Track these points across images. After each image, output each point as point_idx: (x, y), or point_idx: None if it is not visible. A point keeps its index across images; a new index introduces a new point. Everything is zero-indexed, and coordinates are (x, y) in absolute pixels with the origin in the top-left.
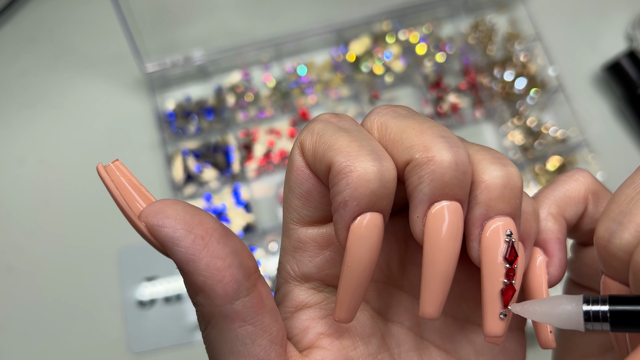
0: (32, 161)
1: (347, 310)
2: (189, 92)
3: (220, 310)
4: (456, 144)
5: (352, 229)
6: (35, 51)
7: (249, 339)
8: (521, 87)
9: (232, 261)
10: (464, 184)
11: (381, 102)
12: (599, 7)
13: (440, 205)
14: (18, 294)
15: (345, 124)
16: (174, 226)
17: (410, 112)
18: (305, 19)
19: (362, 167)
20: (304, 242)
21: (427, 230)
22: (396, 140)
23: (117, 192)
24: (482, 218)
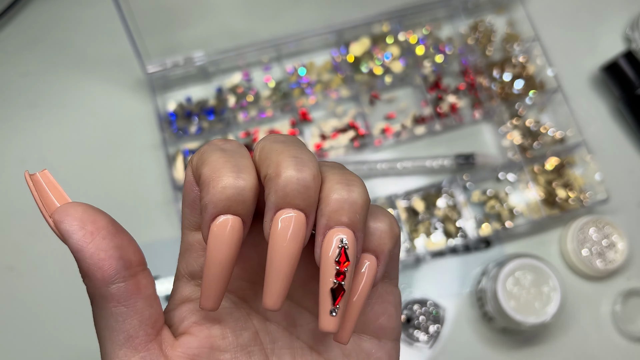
0: (33, 161)
1: (208, 299)
2: (190, 92)
3: (99, 292)
4: (303, 164)
5: (211, 228)
6: (37, 52)
7: (120, 317)
8: (520, 88)
9: (112, 254)
10: (305, 196)
11: (381, 103)
12: (597, 9)
13: (283, 212)
14: (19, 293)
15: (226, 146)
16: (70, 222)
17: (287, 139)
18: (305, 20)
19: (221, 178)
20: (192, 244)
21: (271, 233)
22: (263, 160)
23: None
24: (324, 227)
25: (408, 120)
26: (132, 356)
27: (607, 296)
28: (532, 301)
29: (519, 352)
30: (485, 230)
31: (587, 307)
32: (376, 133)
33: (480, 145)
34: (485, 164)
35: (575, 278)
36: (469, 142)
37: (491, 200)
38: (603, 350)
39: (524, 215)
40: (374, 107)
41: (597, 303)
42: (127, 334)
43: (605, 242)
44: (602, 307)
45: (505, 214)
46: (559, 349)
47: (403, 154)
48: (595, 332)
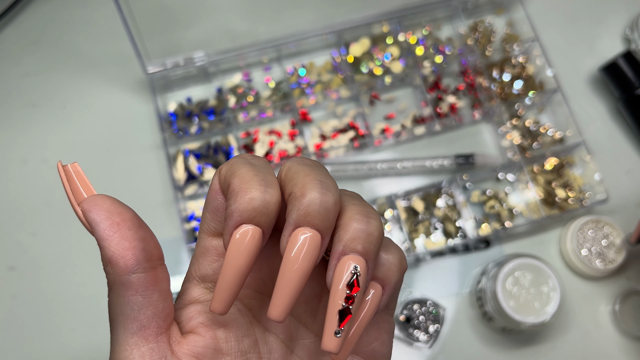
0: (34, 161)
1: (220, 303)
2: (191, 93)
3: (120, 279)
4: (327, 189)
5: (233, 235)
6: (38, 52)
7: (136, 306)
8: (519, 88)
9: (136, 245)
10: (324, 218)
11: (381, 103)
12: (597, 9)
13: (300, 230)
14: (20, 293)
15: (255, 161)
16: (98, 212)
17: (314, 164)
18: (305, 20)
19: (250, 189)
20: (207, 249)
21: (287, 248)
22: (289, 179)
23: (67, 185)
24: (340, 253)
25: (408, 120)
26: (142, 346)
27: (606, 296)
28: (531, 301)
29: (519, 352)
30: (485, 230)
31: (586, 307)
32: (376, 133)
33: (479, 146)
34: (484, 164)
35: (574, 278)
36: (468, 142)
37: (491, 200)
38: (602, 350)
39: (524, 215)
40: (373, 107)
41: (597, 303)
42: (141, 324)
43: (604, 242)
44: (601, 307)
45: (504, 214)
46: (559, 349)
47: (403, 154)
48: (594, 332)
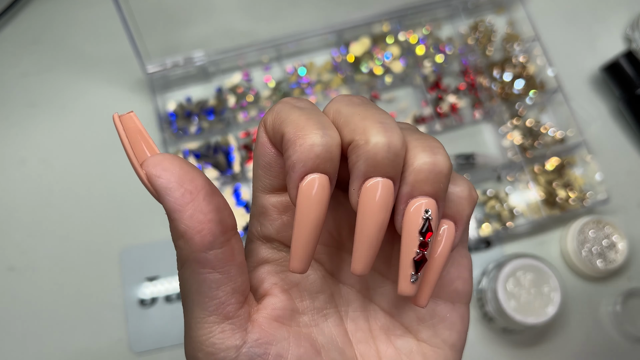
0: (33, 161)
1: (299, 261)
2: (190, 92)
3: (195, 256)
4: (391, 129)
5: (300, 188)
6: (37, 52)
7: (214, 284)
8: (520, 88)
9: (212, 217)
10: (394, 164)
11: (381, 103)
12: (598, 8)
13: (372, 180)
14: (19, 293)
15: (301, 104)
16: (168, 178)
17: (363, 101)
18: (305, 20)
19: (308, 135)
20: (266, 207)
21: (360, 201)
22: (344, 124)
23: (127, 141)
24: (407, 196)
25: (408, 120)
26: (222, 322)
27: (607, 296)
28: (532, 301)
29: (519, 352)
30: (486, 231)
31: (587, 307)
32: None
33: (480, 146)
34: (485, 164)
35: (575, 278)
36: (469, 142)
37: (491, 201)
38: (603, 350)
39: (524, 216)
40: None
41: (598, 303)
42: (219, 301)
43: (605, 242)
44: (602, 307)
45: (505, 214)
46: (559, 349)
47: None
48: (595, 332)
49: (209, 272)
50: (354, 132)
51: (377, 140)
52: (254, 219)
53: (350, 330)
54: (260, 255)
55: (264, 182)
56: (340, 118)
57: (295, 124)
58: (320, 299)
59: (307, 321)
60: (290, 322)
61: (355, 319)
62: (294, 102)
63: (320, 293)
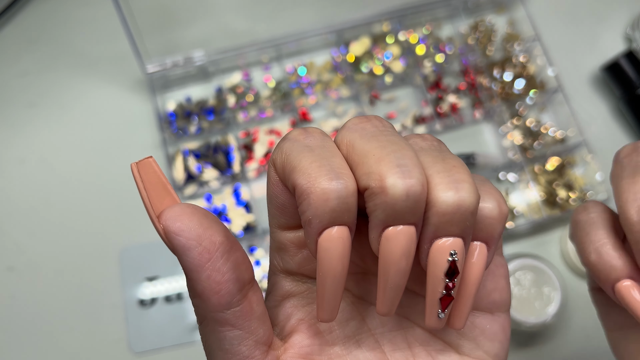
0: (33, 161)
1: (327, 311)
2: (190, 92)
3: (213, 316)
4: (410, 172)
5: (319, 243)
6: (37, 51)
7: (236, 341)
8: (520, 88)
9: (230, 277)
10: (415, 211)
11: (381, 103)
12: (598, 8)
13: (392, 229)
14: (19, 293)
15: (311, 141)
16: (187, 236)
17: (378, 131)
18: (305, 20)
19: (321, 188)
20: (284, 243)
21: (381, 249)
22: (358, 163)
23: (144, 191)
24: (432, 237)
25: (408, 120)
26: None
27: None
28: (532, 301)
29: (519, 352)
30: None
31: (587, 307)
32: None
33: (480, 145)
34: (485, 164)
35: (575, 278)
36: (469, 142)
37: None
38: (603, 350)
39: (525, 216)
40: (374, 107)
41: None
42: (243, 356)
43: None
44: None
45: None
46: (559, 349)
47: None
48: (595, 333)
49: (229, 329)
50: (369, 177)
51: (395, 189)
52: (273, 252)
53: (388, 351)
54: (285, 288)
55: (279, 220)
56: (354, 155)
57: (307, 174)
58: (351, 325)
59: (339, 352)
60: (320, 356)
61: (392, 339)
62: (303, 138)
63: (351, 320)
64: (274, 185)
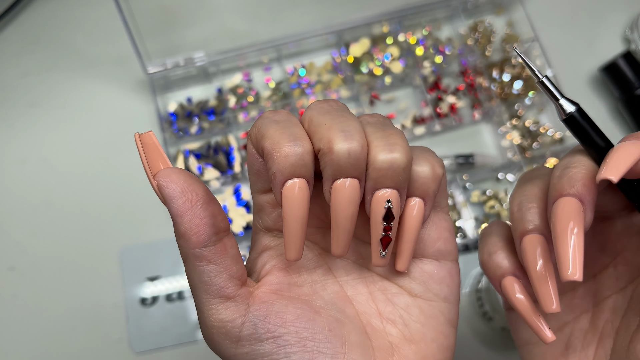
0: (34, 161)
1: (292, 250)
2: (191, 93)
3: (193, 252)
4: (351, 137)
5: (283, 192)
6: (38, 52)
7: (212, 273)
8: (519, 88)
9: (207, 222)
10: (356, 167)
11: (381, 103)
12: (596, 9)
13: (339, 182)
14: (20, 293)
15: (278, 117)
16: (173, 188)
17: (332, 107)
18: (305, 21)
19: (282, 148)
20: (262, 205)
21: (332, 198)
22: (314, 132)
23: (144, 155)
24: (371, 189)
25: (408, 120)
26: (225, 302)
27: None
28: None
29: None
30: None
31: None
32: None
33: (479, 146)
34: (484, 164)
35: None
36: (468, 142)
37: (491, 201)
38: None
39: None
40: (373, 107)
41: None
42: (219, 286)
43: None
44: None
45: (504, 214)
46: None
47: None
48: None
49: (206, 264)
50: (320, 141)
51: (338, 148)
52: (255, 214)
53: (350, 295)
54: (263, 243)
55: (257, 185)
56: (312, 127)
57: (272, 139)
58: (318, 272)
59: (306, 291)
60: (289, 292)
61: (354, 285)
62: (272, 115)
63: (318, 268)
64: (251, 155)
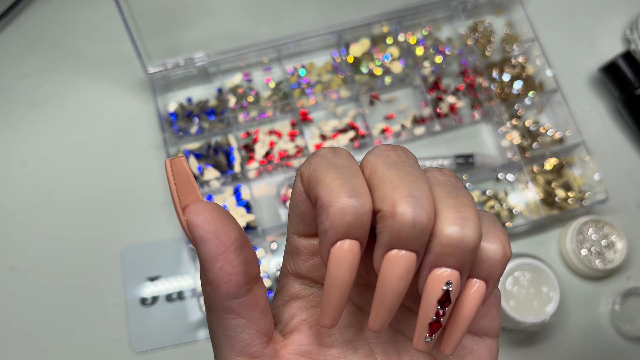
0: (35, 161)
1: (329, 317)
2: (191, 93)
3: (221, 303)
4: (420, 204)
5: (332, 252)
6: (39, 52)
7: (239, 328)
8: (519, 88)
9: (239, 270)
10: (419, 240)
11: (381, 103)
12: (596, 10)
13: (395, 252)
14: (21, 292)
15: (337, 159)
16: (206, 229)
17: (400, 161)
18: (305, 21)
19: (341, 203)
20: (299, 248)
21: (382, 269)
22: (377, 187)
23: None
24: (431, 265)
25: (408, 120)
26: None
27: (606, 296)
28: (531, 301)
29: (518, 352)
30: None
31: (586, 306)
32: (376, 133)
33: (479, 146)
34: (484, 164)
35: (574, 278)
36: (468, 142)
37: (490, 201)
38: (602, 349)
39: (523, 215)
40: (373, 107)
41: (596, 303)
42: (245, 343)
43: (604, 242)
44: (601, 307)
45: (504, 214)
46: (558, 349)
47: None
48: (594, 332)
49: (234, 317)
50: (383, 201)
51: (403, 216)
52: (287, 256)
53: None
54: (292, 290)
55: (297, 227)
56: (374, 179)
57: (330, 189)
58: (350, 331)
59: (335, 354)
60: (318, 356)
61: (385, 349)
62: (331, 156)
63: (350, 326)
64: (298, 194)
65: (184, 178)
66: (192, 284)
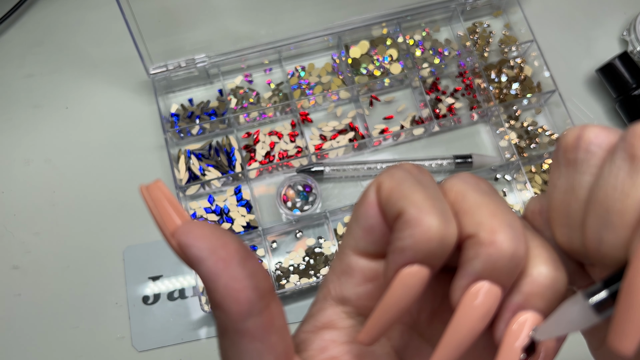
0: (38, 161)
1: (371, 337)
2: (192, 94)
3: (234, 326)
4: (519, 238)
5: (400, 273)
6: (41, 53)
7: (256, 354)
8: (517, 89)
9: (248, 284)
10: (512, 274)
11: (380, 104)
12: (594, 11)
13: (482, 285)
14: (24, 292)
15: (423, 178)
16: (200, 246)
17: (491, 191)
18: (305, 23)
19: (428, 224)
20: (353, 269)
21: (462, 303)
22: (468, 212)
23: (156, 211)
24: (517, 306)
25: (407, 121)
26: None
27: None
28: None
29: None
30: None
31: None
32: (375, 134)
33: (477, 146)
34: (482, 165)
35: None
36: (466, 143)
37: None
38: None
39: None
40: (373, 108)
41: None
42: None
43: None
44: None
45: None
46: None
47: (402, 154)
48: None
49: (249, 341)
50: (478, 226)
51: (503, 245)
52: (333, 274)
53: None
54: (329, 317)
55: (359, 243)
56: (464, 204)
57: (419, 207)
58: None
59: None
60: None
61: None
62: (417, 173)
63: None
64: (370, 205)
65: (165, 202)
66: (193, 282)
